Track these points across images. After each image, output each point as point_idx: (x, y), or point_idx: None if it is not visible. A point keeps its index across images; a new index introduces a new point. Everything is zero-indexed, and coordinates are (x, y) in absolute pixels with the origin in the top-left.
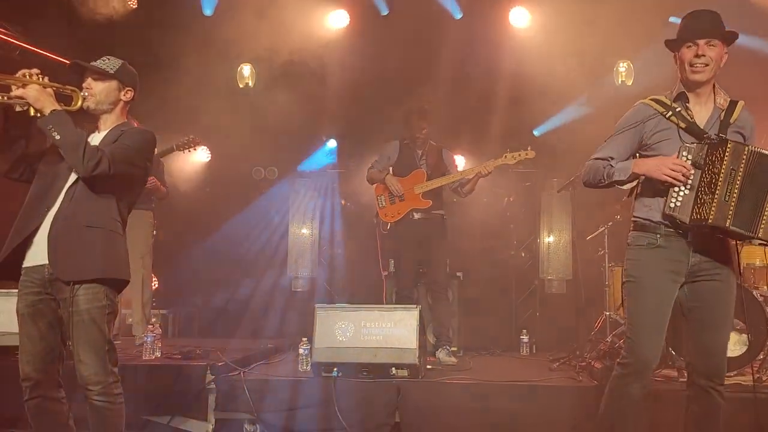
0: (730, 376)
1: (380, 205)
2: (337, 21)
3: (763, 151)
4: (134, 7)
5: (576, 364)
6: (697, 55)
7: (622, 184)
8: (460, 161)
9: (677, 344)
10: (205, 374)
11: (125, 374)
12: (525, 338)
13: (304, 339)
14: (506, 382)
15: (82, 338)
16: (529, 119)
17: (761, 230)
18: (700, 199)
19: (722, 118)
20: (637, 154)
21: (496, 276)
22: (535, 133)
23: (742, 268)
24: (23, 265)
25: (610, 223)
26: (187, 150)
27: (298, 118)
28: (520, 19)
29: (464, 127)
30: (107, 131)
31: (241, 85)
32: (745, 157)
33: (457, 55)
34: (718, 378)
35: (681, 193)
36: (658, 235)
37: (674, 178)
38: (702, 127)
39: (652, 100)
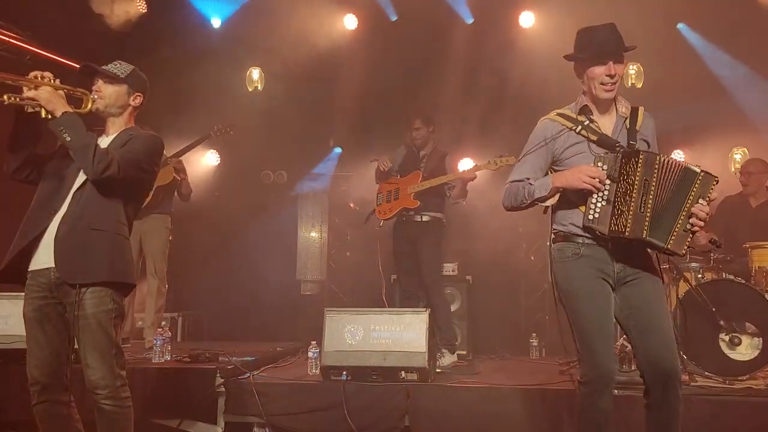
0: (743, 380)
1: (378, 203)
2: (346, 25)
3: (674, 159)
4: (144, 11)
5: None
6: (609, 75)
7: (544, 201)
8: (469, 165)
9: (688, 347)
10: (215, 377)
11: (135, 377)
12: (534, 342)
13: (314, 342)
14: (516, 385)
15: (89, 342)
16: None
17: (671, 242)
18: (617, 210)
19: (628, 126)
20: (550, 171)
21: (506, 279)
22: None
23: (754, 270)
24: (29, 269)
25: None
26: (221, 134)
27: (306, 121)
28: (528, 23)
29: (474, 130)
30: (115, 135)
31: (250, 89)
32: (657, 166)
33: (468, 59)
34: (675, 378)
35: (599, 204)
36: (581, 245)
37: (592, 185)
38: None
39: (557, 115)
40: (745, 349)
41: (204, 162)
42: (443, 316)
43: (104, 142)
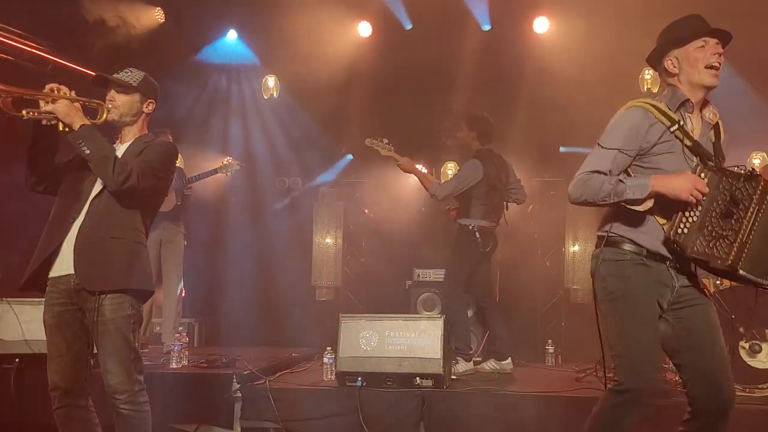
0: (763, 388)
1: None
2: (360, 32)
3: None
4: (162, 21)
5: (603, 375)
6: (717, 53)
7: (635, 204)
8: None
9: None
10: (231, 383)
11: (153, 382)
12: (550, 348)
13: (329, 348)
14: (532, 392)
15: (108, 348)
16: (555, 127)
17: None
18: (715, 233)
19: (713, 139)
20: (630, 168)
21: (521, 285)
22: (561, 149)
23: None
24: (49, 276)
25: None
26: (229, 172)
27: (321, 128)
28: (543, 29)
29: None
30: (130, 142)
31: (265, 97)
32: None
33: (483, 66)
34: (732, 406)
35: (690, 220)
36: (643, 256)
37: (696, 198)
38: None
39: (652, 107)
40: (766, 357)
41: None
42: (456, 324)
43: (120, 149)
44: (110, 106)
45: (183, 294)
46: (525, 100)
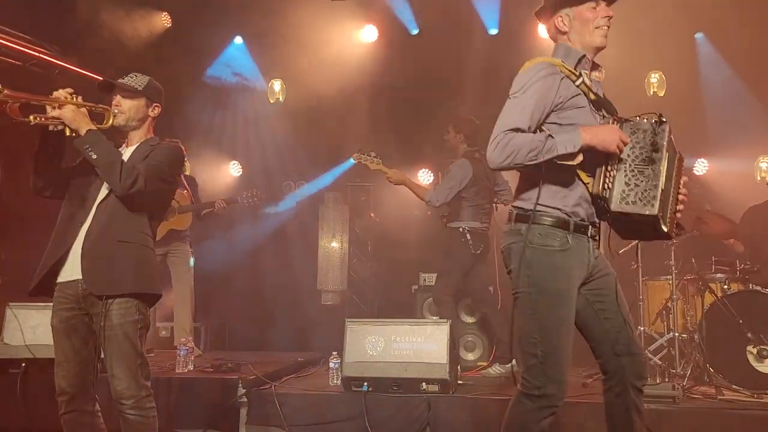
0: None
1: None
2: (366, 37)
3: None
4: (168, 26)
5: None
6: (607, 16)
7: (566, 160)
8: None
9: (715, 360)
10: (237, 388)
11: (159, 387)
12: None
13: (334, 353)
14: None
15: (115, 353)
16: None
17: (669, 225)
18: (635, 184)
19: (602, 96)
20: (544, 127)
21: None
22: None
23: None
24: (57, 281)
25: None
26: (250, 203)
27: (327, 132)
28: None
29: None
30: (135, 146)
31: (271, 101)
32: (672, 142)
33: (489, 70)
34: (646, 373)
35: (612, 173)
36: (569, 234)
37: (620, 151)
38: None
39: (554, 61)
40: None
41: (226, 173)
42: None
43: (126, 153)
44: (116, 110)
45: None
46: None
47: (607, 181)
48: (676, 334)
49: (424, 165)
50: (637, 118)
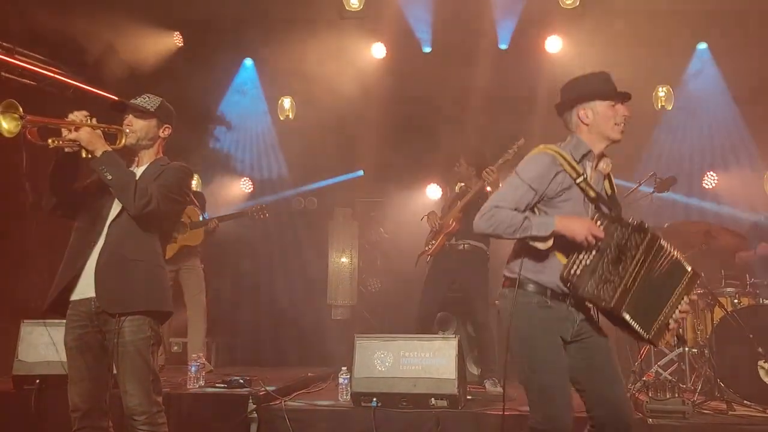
0: None
1: (426, 243)
2: (375, 54)
3: (670, 249)
4: (180, 45)
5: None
6: (625, 115)
7: (539, 241)
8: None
9: (726, 375)
10: (248, 403)
11: (170, 403)
12: None
13: (344, 368)
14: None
15: (128, 369)
16: None
17: (653, 332)
18: (604, 277)
19: (609, 192)
20: (537, 209)
21: None
22: None
23: None
24: (70, 299)
25: None
26: (258, 217)
27: (336, 148)
28: (556, 48)
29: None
30: (146, 166)
31: (281, 118)
32: (655, 249)
33: (498, 86)
34: (631, 427)
35: (584, 262)
36: (547, 299)
37: (590, 242)
38: None
39: (558, 154)
40: None
41: (237, 189)
42: (492, 350)
43: (136, 173)
44: (128, 130)
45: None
46: (540, 121)
47: (575, 267)
48: (686, 349)
49: (433, 180)
50: (630, 219)
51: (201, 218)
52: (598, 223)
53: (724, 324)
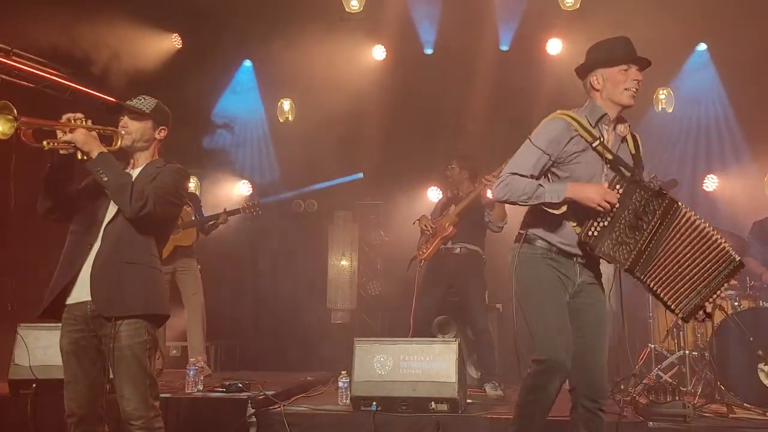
0: None
1: (418, 247)
2: (376, 56)
3: (699, 222)
4: (179, 47)
5: (620, 398)
6: (636, 79)
7: (552, 207)
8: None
9: (726, 378)
10: (246, 408)
11: (168, 407)
12: None
13: (343, 372)
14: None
15: (124, 374)
16: None
17: (681, 306)
18: (619, 239)
19: (632, 151)
20: (549, 172)
21: None
22: None
23: None
24: (66, 303)
25: None
26: (252, 213)
27: (336, 150)
28: (556, 50)
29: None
30: (141, 168)
31: (281, 120)
32: (670, 216)
33: (500, 87)
34: (602, 398)
35: (601, 225)
36: (553, 252)
37: (604, 207)
38: None
39: (572, 119)
40: None
41: (236, 191)
42: (492, 354)
43: (132, 175)
44: (123, 132)
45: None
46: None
47: (592, 230)
48: (687, 352)
49: (433, 183)
50: (650, 181)
51: (194, 218)
52: (618, 186)
53: (724, 327)
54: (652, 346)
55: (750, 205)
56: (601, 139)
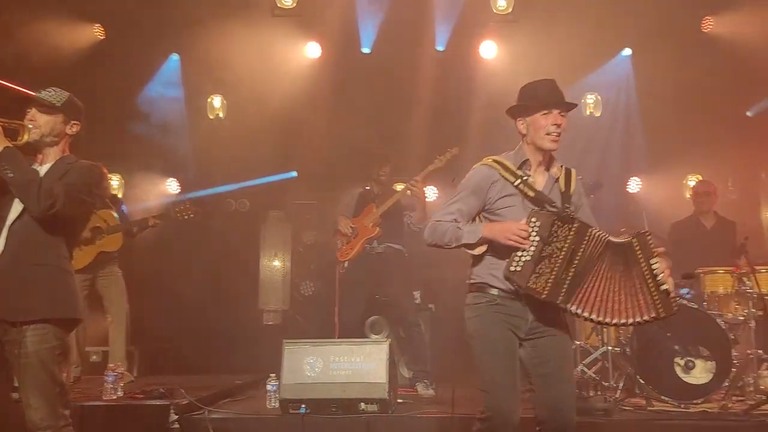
0: (698, 404)
1: (338, 247)
2: (310, 53)
3: (613, 240)
4: (102, 38)
5: None
6: (556, 124)
7: (470, 248)
8: (432, 192)
9: (645, 372)
10: (169, 414)
11: (84, 416)
12: None
13: (272, 375)
14: (477, 415)
15: (30, 382)
16: (506, 150)
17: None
18: (539, 270)
19: (562, 189)
20: (479, 218)
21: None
22: None
23: (707, 295)
24: None
25: None
26: (183, 216)
27: (269, 149)
28: (491, 53)
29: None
30: (51, 164)
31: (211, 117)
32: (587, 238)
33: (435, 88)
34: (571, 428)
35: (524, 259)
36: (497, 297)
37: (517, 243)
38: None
39: (496, 163)
40: (699, 373)
41: (163, 190)
42: (424, 350)
43: (40, 171)
44: (31, 126)
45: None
46: (477, 126)
47: (514, 265)
48: (610, 348)
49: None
50: (566, 212)
51: (118, 222)
52: (534, 219)
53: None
54: (578, 343)
55: (671, 206)
56: (524, 179)
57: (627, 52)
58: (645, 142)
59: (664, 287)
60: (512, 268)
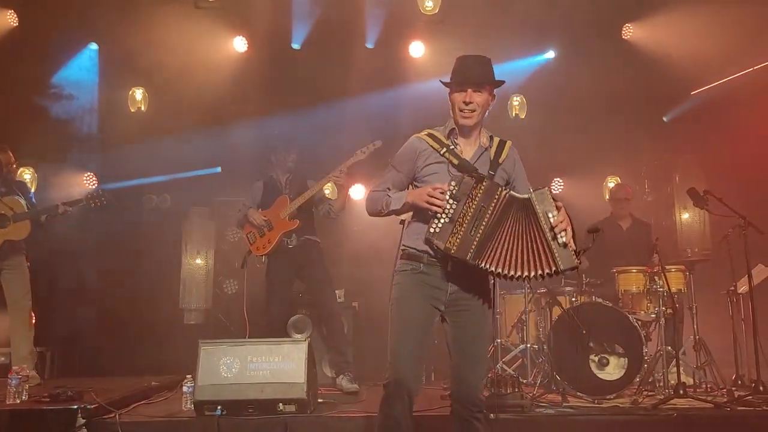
0: (610, 399)
1: (251, 242)
2: (236, 47)
3: (515, 195)
4: (15, 25)
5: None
6: (465, 102)
7: (398, 214)
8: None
9: (561, 368)
10: (76, 418)
11: None
12: None
13: (189, 376)
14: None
15: None
16: None
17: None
18: (454, 230)
19: (492, 157)
20: (411, 186)
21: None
22: None
23: (621, 293)
24: None
25: None
26: (96, 204)
27: (193, 143)
28: (418, 52)
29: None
30: None
31: (132, 110)
32: (497, 197)
33: (363, 85)
34: (476, 406)
35: (442, 221)
36: (422, 264)
37: (432, 204)
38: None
39: (427, 135)
40: (613, 369)
41: (79, 184)
42: (345, 341)
43: None
44: None
45: (34, 320)
46: (408, 124)
47: (433, 227)
48: (529, 345)
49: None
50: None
51: (27, 209)
52: (453, 183)
53: (561, 321)
54: (499, 340)
55: (590, 207)
56: (450, 148)
57: (550, 54)
58: (567, 143)
59: (562, 239)
60: (431, 230)
